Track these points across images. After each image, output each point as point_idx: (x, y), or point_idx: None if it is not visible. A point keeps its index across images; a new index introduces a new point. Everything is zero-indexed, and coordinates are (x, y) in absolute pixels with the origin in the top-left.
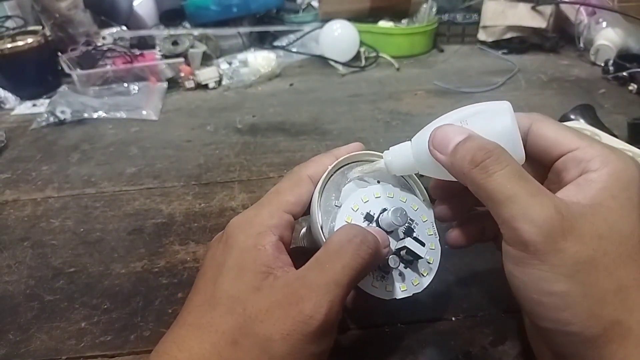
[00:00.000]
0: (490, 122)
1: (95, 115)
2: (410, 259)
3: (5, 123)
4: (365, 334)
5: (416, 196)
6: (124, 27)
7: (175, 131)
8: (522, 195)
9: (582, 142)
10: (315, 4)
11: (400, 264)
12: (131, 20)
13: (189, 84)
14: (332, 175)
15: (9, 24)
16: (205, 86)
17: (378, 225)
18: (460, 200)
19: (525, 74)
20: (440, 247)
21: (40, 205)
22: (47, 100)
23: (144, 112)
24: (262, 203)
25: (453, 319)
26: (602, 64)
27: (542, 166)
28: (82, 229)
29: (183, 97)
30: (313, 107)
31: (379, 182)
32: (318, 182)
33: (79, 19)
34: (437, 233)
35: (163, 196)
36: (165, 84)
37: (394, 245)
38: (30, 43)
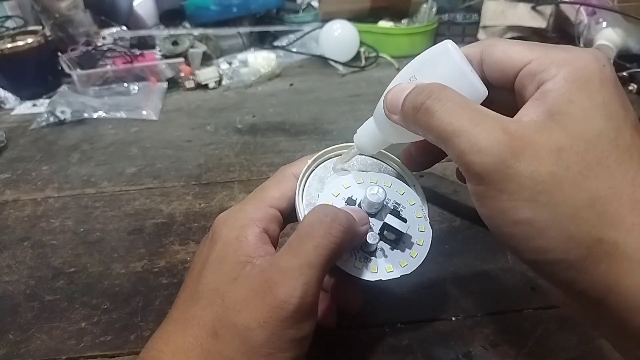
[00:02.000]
0: (437, 67)
1: (95, 115)
2: (394, 237)
3: (5, 123)
4: (365, 334)
5: (406, 183)
6: (124, 27)
7: (175, 131)
8: (467, 127)
9: (534, 53)
10: (315, 4)
11: (385, 245)
12: (131, 20)
13: (189, 84)
14: (314, 169)
15: (9, 24)
16: (205, 86)
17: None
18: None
19: None
20: (431, 230)
21: (40, 205)
22: (47, 100)
23: (144, 112)
24: (246, 199)
25: (453, 319)
26: None
27: (508, 92)
28: (82, 229)
29: (183, 97)
30: (313, 107)
31: (363, 172)
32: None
33: (79, 19)
34: (427, 216)
35: (163, 196)
36: (165, 84)
37: (377, 228)
38: (30, 43)
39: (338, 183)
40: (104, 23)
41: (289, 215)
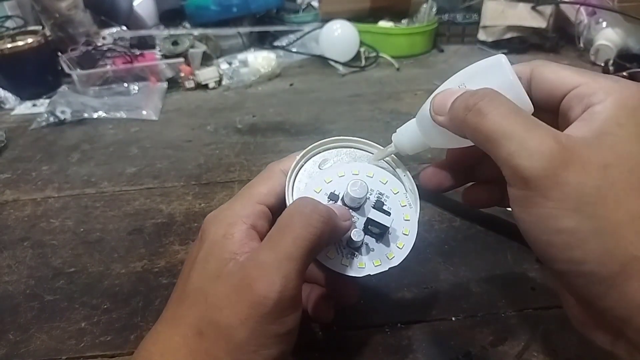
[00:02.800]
0: (488, 78)
1: (95, 115)
2: (379, 231)
3: (5, 123)
4: (365, 334)
5: (395, 171)
6: (124, 27)
7: (175, 131)
8: (518, 131)
9: (583, 78)
10: (315, 4)
11: (370, 238)
12: (131, 20)
13: (189, 84)
14: (303, 164)
15: (9, 24)
16: (205, 86)
17: (343, 202)
18: (479, 171)
19: None
20: (417, 219)
21: (40, 205)
22: (47, 100)
23: (144, 112)
24: (235, 197)
25: (453, 319)
26: (602, 64)
27: (551, 112)
28: (82, 229)
29: (183, 97)
30: (313, 107)
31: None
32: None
33: (79, 19)
34: (412, 204)
35: (163, 196)
36: (165, 84)
37: (362, 222)
38: (30, 43)
39: (320, 178)
40: (104, 23)
41: (278, 212)
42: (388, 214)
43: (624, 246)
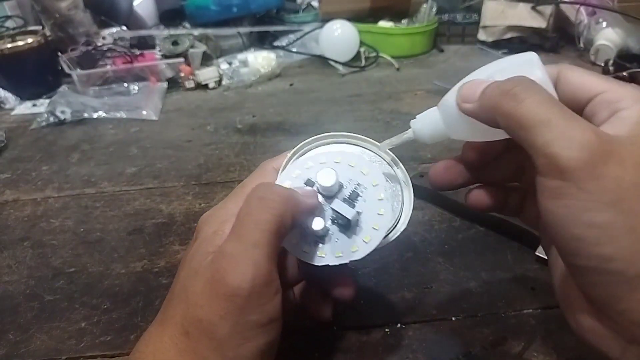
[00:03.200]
0: (519, 73)
1: (95, 115)
2: (344, 223)
3: (5, 123)
4: (365, 334)
5: (383, 160)
6: (124, 27)
7: (175, 131)
8: (557, 119)
9: (609, 85)
10: (315, 4)
11: (337, 229)
12: (131, 20)
13: (189, 84)
14: (294, 161)
15: (9, 24)
16: (205, 86)
17: (319, 191)
18: (492, 171)
19: None
20: (391, 213)
21: (40, 205)
22: (47, 100)
23: (144, 112)
24: (228, 197)
25: (453, 319)
26: (602, 64)
27: None
28: (82, 229)
29: (183, 97)
30: (313, 107)
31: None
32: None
33: (79, 19)
34: (390, 197)
35: (163, 196)
36: (165, 84)
37: (330, 212)
38: (30, 43)
39: (301, 163)
40: (104, 23)
41: None
42: (353, 205)
43: None
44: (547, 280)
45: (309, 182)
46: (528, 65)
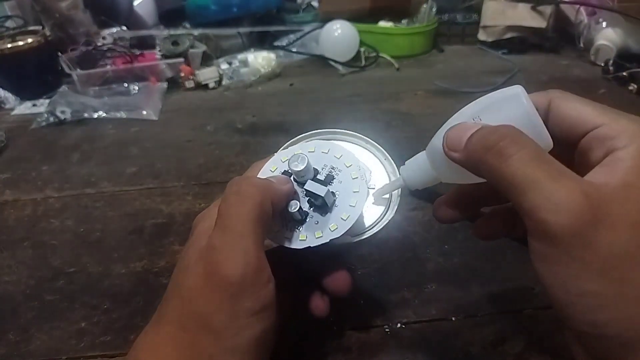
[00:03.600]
0: (505, 111)
1: (95, 115)
2: (320, 203)
3: (5, 123)
4: (365, 334)
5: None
6: (124, 27)
7: (175, 131)
8: (544, 180)
9: (605, 118)
10: (315, 4)
11: (315, 212)
12: (131, 20)
13: (189, 84)
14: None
15: (9, 24)
16: (205, 86)
17: (295, 180)
18: (494, 198)
19: (525, 74)
20: (366, 189)
21: (40, 205)
22: (47, 100)
23: (144, 112)
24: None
25: (453, 319)
26: (602, 64)
27: (568, 148)
28: (82, 229)
29: (183, 97)
30: (313, 107)
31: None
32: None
33: (79, 19)
34: (364, 175)
35: (163, 196)
36: (165, 84)
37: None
38: (30, 43)
39: (277, 158)
40: (104, 23)
41: None
42: (324, 184)
43: None
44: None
45: (286, 174)
46: (514, 101)
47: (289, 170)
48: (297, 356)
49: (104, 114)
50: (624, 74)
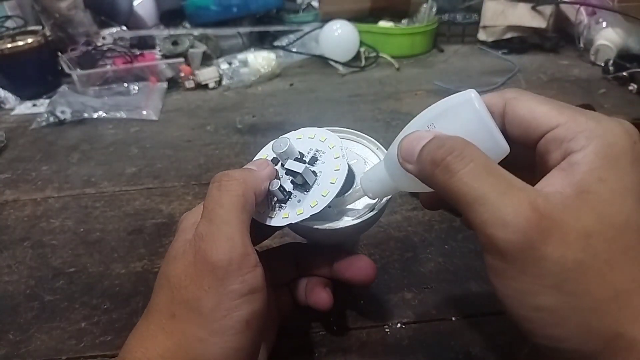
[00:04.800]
0: (459, 117)
1: (95, 115)
2: (302, 181)
3: (5, 123)
4: (365, 334)
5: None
6: (124, 27)
7: (175, 131)
8: (492, 195)
9: (562, 117)
10: (315, 4)
11: (297, 190)
12: (131, 20)
13: (189, 84)
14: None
15: (9, 24)
16: (205, 86)
17: (282, 165)
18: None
19: (525, 74)
20: (347, 168)
21: (40, 205)
22: (47, 100)
23: (144, 112)
24: None
25: (453, 319)
26: (602, 64)
27: (528, 151)
28: (82, 229)
29: (183, 97)
30: (313, 107)
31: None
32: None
33: (79, 19)
34: (345, 155)
35: (163, 196)
36: (165, 84)
37: (285, 176)
38: (30, 43)
39: (268, 147)
40: (104, 23)
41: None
42: (303, 162)
43: (608, 324)
44: None
45: (275, 160)
46: (467, 107)
47: (277, 158)
48: (297, 356)
49: (104, 114)
50: (624, 74)
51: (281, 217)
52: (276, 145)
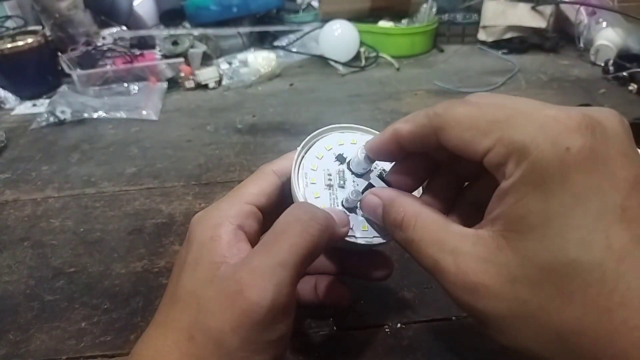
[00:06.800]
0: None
1: (95, 115)
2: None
3: (5, 123)
4: (365, 334)
5: None
6: (124, 27)
7: (175, 131)
8: (444, 263)
9: (488, 141)
10: (315, 4)
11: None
12: (131, 20)
13: (189, 84)
14: (304, 155)
15: (9, 24)
16: (205, 86)
17: (349, 167)
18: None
19: (525, 74)
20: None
21: (40, 205)
22: (47, 100)
23: (144, 112)
24: (223, 198)
25: (453, 318)
26: (602, 64)
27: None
28: (82, 229)
29: (183, 97)
30: (313, 107)
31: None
32: (292, 165)
33: (79, 19)
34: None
35: (163, 196)
36: (165, 84)
37: (362, 187)
38: (30, 43)
39: (332, 139)
40: (104, 23)
41: (269, 212)
42: (390, 184)
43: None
44: None
45: (340, 158)
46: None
47: (344, 156)
48: (297, 356)
49: (104, 114)
50: (624, 74)
51: (360, 229)
52: (355, 162)
